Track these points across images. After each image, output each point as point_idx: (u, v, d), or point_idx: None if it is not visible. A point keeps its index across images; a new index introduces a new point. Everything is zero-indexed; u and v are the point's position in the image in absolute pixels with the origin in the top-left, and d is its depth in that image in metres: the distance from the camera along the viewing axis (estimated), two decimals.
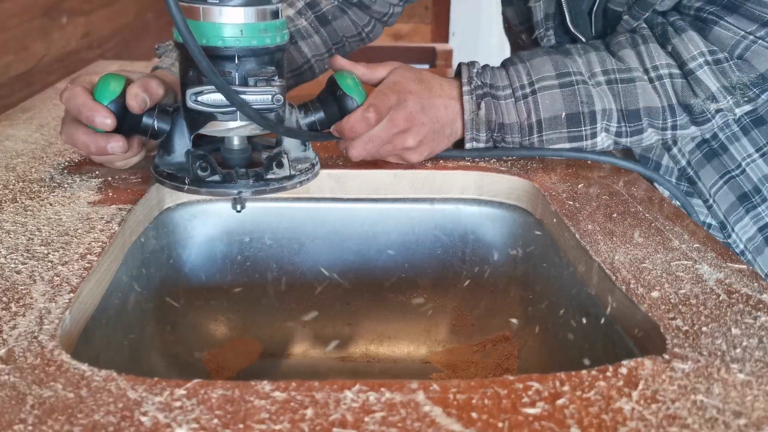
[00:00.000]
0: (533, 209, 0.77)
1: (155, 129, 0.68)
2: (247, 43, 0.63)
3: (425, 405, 0.40)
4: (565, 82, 0.76)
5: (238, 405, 0.40)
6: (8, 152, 0.81)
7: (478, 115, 0.77)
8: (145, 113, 0.67)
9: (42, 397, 0.40)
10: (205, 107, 0.63)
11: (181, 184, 0.66)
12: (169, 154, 0.69)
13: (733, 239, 0.90)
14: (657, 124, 0.78)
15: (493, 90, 0.78)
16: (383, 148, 0.75)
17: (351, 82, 0.73)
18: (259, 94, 0.63)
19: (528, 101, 0.77)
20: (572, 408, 0.41)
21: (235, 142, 0.69)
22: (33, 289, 0.52)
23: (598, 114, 0.77)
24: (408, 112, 0.74)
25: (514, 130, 0.78)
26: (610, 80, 0.77)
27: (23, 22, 1.15)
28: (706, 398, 0.42)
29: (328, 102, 0.73)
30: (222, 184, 0.66)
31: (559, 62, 0.77)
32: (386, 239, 0.81)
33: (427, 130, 0.76)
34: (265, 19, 0.63)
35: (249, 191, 0.66)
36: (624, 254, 0.60)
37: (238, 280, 0.81)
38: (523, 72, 0.78)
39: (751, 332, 0.49)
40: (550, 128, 0.77)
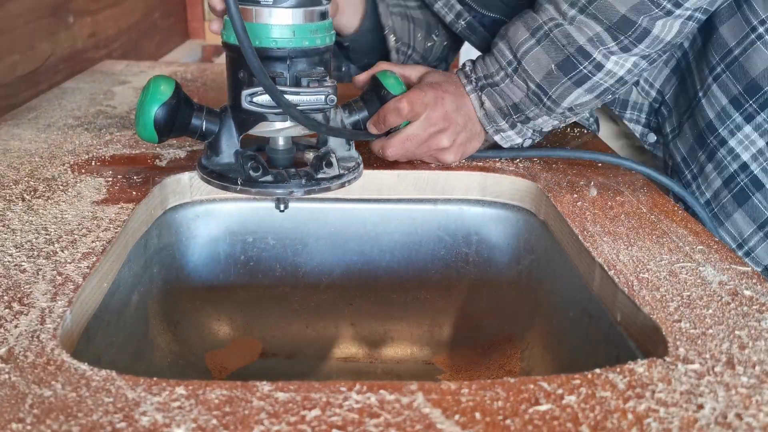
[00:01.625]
0: (537, 210, 0.76)
1: (204, 130, 0.68)
2: (298, 44, 0.63)
3: (425, 407, 0.40)
4: (540, 37, 0.74)
5: (238, 406, 0.40)
6: (14, 152, 0.81)
7: (484, 108, 0.77)
8: (194, 114, 0.67)
9: (41, 397, 0.40)
10: (260, 108, 0.64)
11: (233, 185, 0.66)
12: (217, 154, 0.69)
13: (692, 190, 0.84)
14: (655, 13, 0.70)
15: (489, 79, 0.77)
16: (419, 149, 0.76)
17: (394, 81, 0.74)
18: (313, 94, 0.63)
19: (519, 73, 0.75)
20: (574, 411, 0.40)
21: (281, 142, 0.69)
22: (35, 288, 0.52)
23: (585, 46, 0.72)
24: (445, 111, 0.75)
25: (527, 103, 0.76)
26: (581, 8, 0.71)
27: (29, 22, 1.15)
28: (709, 401, 0.41)
29: (371, 101, 0.74)
30: (274, 184, 0.66)
31: (529, 20, 0.75)
32: (389, 240, 0.81)
33: (461, 130, 0.77)
34: (316, 20, 0.64)
35: (301, 191, 0.67)
36: (627, 256, 0.60)
37: (241, 279, 0.81)
38: (505, 48, 0.76)
39: (755, 335, 0.49)
40: (551, 85, 0.74)
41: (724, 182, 0.81)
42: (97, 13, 1.45)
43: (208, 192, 0.78)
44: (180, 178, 0.76)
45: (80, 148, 0.83)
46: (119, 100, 1.07)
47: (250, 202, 0.79)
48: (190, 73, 1.28)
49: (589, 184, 0.76)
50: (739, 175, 0.80)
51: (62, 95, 1.09)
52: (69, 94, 1.09)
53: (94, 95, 1.09)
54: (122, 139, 0.87)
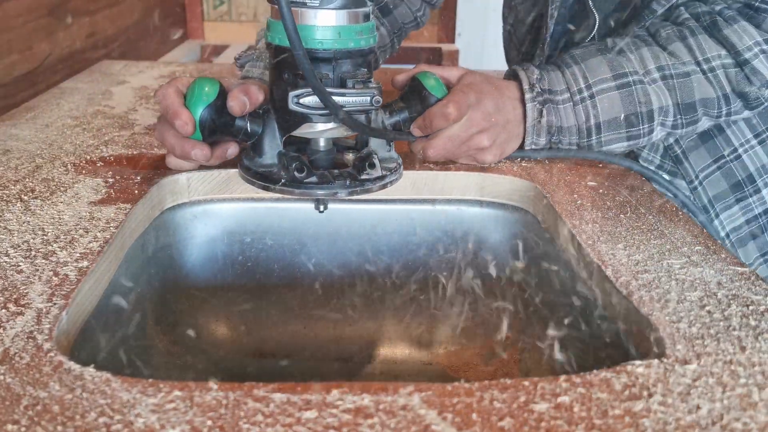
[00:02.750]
0: (535, 210, 0.76)
1: (248, 131, 0.68)
2: (344, 46, 0.63)
3: (421, 408, 0.40)
4: (622, 84, 0.77)
5: (233, 407, 0.40)
6: (12, 152, 0.81)
7: (540, 122, 0.78)
8: (238, 116, 0.68)
9: (36, 398, 0.40)
10: (306, 109, 0.64)
11: (278, 185, 0.67)
12: (260, 155, 0.69)
13: (714, 226, 0.89)
14: (712, 113, 0.79)
15: (551, 95, 0.78)
16: (459, 149, 0.76)
17: (434, 81, 0.74)
18: (359, 95, 0.63)
19: (586, 105, 0.77)
20: (571, 412, 0.40)
21: (321, 143, 0.70)
22: (31, 289, 0.52)
23: (655, 112, 0.77)
24: (486, 111, 0.75)
25: (572, 132, 0.79)
26: (665, 76, 0.77)
27: (28, 22, 1.15)
28: (707, 402, 0.41)
29: (412, 102, 0.74)
30: (318, 185, 0.66)
31: (614, 62, 0.78)
32: (387, 240, 0.81)
33: (501, 130, 0.77)
34: (360, 21, 0.64)
35: (345, 192, 0.67)
36: (625, 256, 0.60)
37: (238, 280, 0.81)
38: (579, 75, 0.78)
39: (753, 335, 0.49)
40: (609, 130, 0.78)
41: (747, 220, 0.89)
42: (96, 13, 1.45)
43: (205, 192, 0.78)
44: (178, 178, 0.76)
45: (78, 149, 0.83)
46: (117, 100, 1.07)
47: (248, 203, 0.79)
48: (189, 73, 1.28)
49: (587, 185, 0.76)
50: (761, 217, 0.89)
51: (60, 95, 1.09)
52: (67, 94, 1.09)
53: (93, 95, 1.09)
54: (120, 139, 0.87)
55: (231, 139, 0.71)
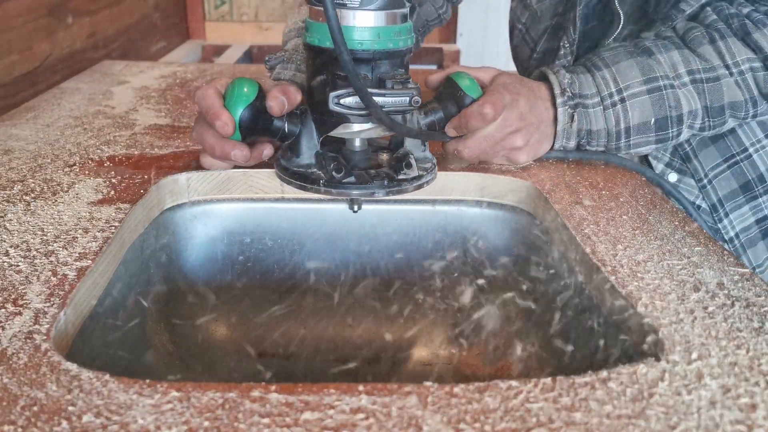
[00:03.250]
0: (534, 211, 0.76)
1: (286, 131, 0.68)
2: (383, 46, 0.63)
3: (418, 410, 0.40)
4: (653, 88, 0.77)
5: (230, 408, 0.40)
6: (12, 152, 0.81)
7: (571, 127, 0.79)
8: (276, 116, 0.68)
9: (33, 398, 0.40)
10: (346, 110, 0.64)
11: (316, 185, 0.67)
12: (297, 155, 0.69)
13: (723, 225, 0.89)
14: (739, 115, 0.79)
15: (582, 99, 0.78)
16: (493, 148, 0.77)
17: (469, 82, 0.74)
18: (398, 96, 0.63)
19: (617, 109, 0.77)
20: (571, 412, 0.40)
21: (357, 143, 0.70)
22: (30, 289, 0.52)
23: (684, 115, 0.78)
24: (520, 112, 0.75)
25: (601, 135, 0.79)
26: (695, 80, 0.77)
27: (28, 22, 1.15)
28: (707, 403, 0.41)
29: (447, 102, 0.74)
30: (356, 185, 0.67)
31: (645, 66, 0.78)
32: (387, 240, 0.81)
33: (534, 131, 0.78)
34: (399, 22, 0.64)
35: (382, 192, 0.67)
36: (624, 257, 0.60)
37: (238, 280, 0.81)
38: (609, 78, 0.78)
39: (753, 336, 0.48)
40: (638, 134, 0.78)
41: (757, 221, 0.89)
42: (96, 13, 1.45)
43: (205, 193, 0.78)
44: (177, 178, 0.76)
45: (78, 149, 0.83)
46: (118, 100, 1.07)
47: (248, 203, 0.79)
48: (190, 73, 1.28)
49: (587, 185, 0.76)
50: None
51: (61, 95, 1.09)
52: (68, 95, 1.09)
53: (93, 95, 1.09)
54: (120, 139, 0.87)
55: (267, 139, 0.71)
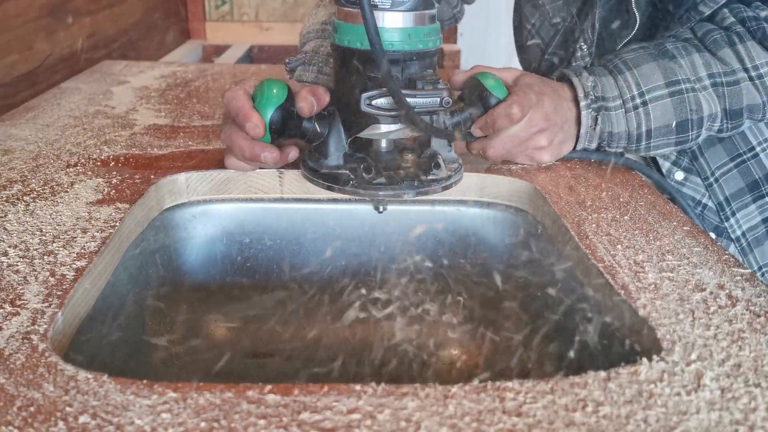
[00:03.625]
0: (534, 211, 0.76)
1: (315, 133, 0.68)
2: (413, 47, 0.63)
3: (417, 411, 0.40)
4: (674, 91, 0.78)
5: (228, 409, 0.40)
6: (12, 152, 0.81)
7: (594, 130, 0.79)
8: (305, 118, 0.68)
9: (30, 399, 0.40)
10: (378, 111, 0.64)
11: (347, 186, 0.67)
12: (325, 157, 0.69)
13: (729, 224, 0.89)
14: (756, 117, 0.80)
15: (605, 102, 0.79)
16: (517, 148, 0.77)
17: (494, 82, 0.74)
18: (429, 96, 0.64)
19: (639, 112, 0.78)
20: (570, 413, 0.40)
21: (383, 144, 0.70)
22: (27, 290, 0.52)
23: (705, 119, 0.78)
24: (545, 112, 0.76)
25: (622, 138, 0.79)
26: (716, 83, 0.78)
27: (28, 22, 1.15)
28: (706, 403, 0.41)
29: (473, 102, 0.74)
30: (386, 186, 0.67)
31: (667, 69, 0.78)
32: (386, 241, 0.81)
33: (558, 131, 0.78)
34: (428, 23, 0.64)
35: (412, 192, 0.67)
36: (623, 257, 0.60)
37: (237, 280, 0.81)
38: (632, 81, 0.78)
39: (752, 336, 0.48)
40: (659, 136, 0.79)
41: (764, 219, 0.89)
42: (96, 13, 1.45)
43: (204, 193, 0.77)
44: (176, 178, 0.76)
45: (78, 149, 0.83)
46: (118, 100, 1.07)
47: (247, 203, 0.79)
48: (190, 73, 1.28)
49: (586, 186, 0.76)
50: None
51: (61, 95, 1.09)
52: (67, 95, 1.09)
53: (93, 95, 1.09)
54: (120, 139, 0.87)
55: (293, 141, 0.71)
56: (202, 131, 0.91)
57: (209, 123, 0.95)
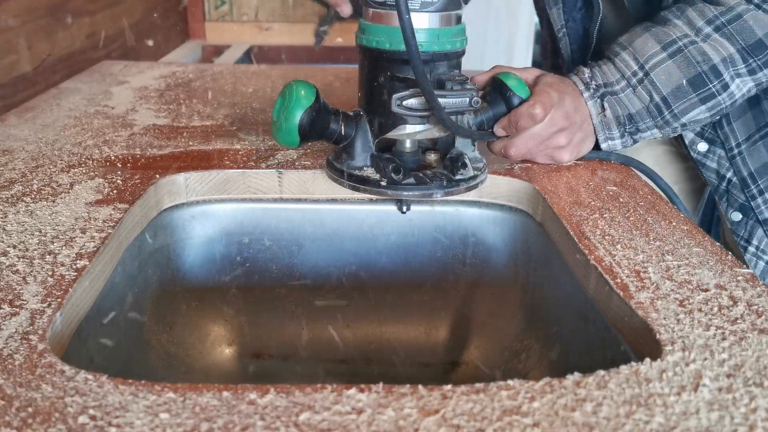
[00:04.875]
0: (534, 212, 0.76)
1: (342, 134, 0.69)
2: (442, 48, 0.64)
3: (417, 411, 0.40)
4: (673, 51, 0.76)
5: (227, 409, 0.39)
6: (10, 152, 0.81)
7: (606, 116, 0.79)
8: (331, 119, 0.68)
9: (29, 400, 0.40)
10: (408, 111, 0.64)
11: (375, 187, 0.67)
12: (352, 158, 0.69)
13: (757, 203, 0.87)
14: None
15: (608, 87, 0.79)
16: (538, 147, 0.77)
17: (516, 82, 0.75)
18: (459, 96, 0.64)
19: (645, 84, 0.77)
20: (568, 413, 0.40)
21: (408, 144, 0.70)
22: (26, 290, 0.51)
23: (719, 65, 0.76)
24: (565, 111, 0.76)
25: (644, 115, 0.78)
26: (718, 27, 0.76)
27: (27, 22, 1.15)
28: (705, 404, 0.41)
29: (496, 102, 0.74)
30: (417, 186, 0.67)
31: (660, 34, 0.77)
32: (386, 241, 0.81)
33: (577, 129, 0.78)
34: (455, 23, 0.65)
35: (441, 192, 0.67)
36: (623, 258, 0.59)
37: (236, 281, 0.80)
38: (629, 58, 0.78)
39: (751, 337, 0.48)
40: (677, 99, 0.77)
41: None
42: (96, 13, 1.45)
43: (203, 193, 0.77)
44: (175, 178, 0.76)
45: (77, 149, 0.83)
46: (117, 100, 1.07)
47: (246, 203, 0.79)
48: (189, 73, 1.28)
49: (586, 186, 0.76)
50: None
51: (60, 95, 1.08)
52: (67, 95, 1.09)
53: (92, 96, 1.09)
54: (119, 139, 0.87)
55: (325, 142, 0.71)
56: (201, 131, 0.91)
57: (209, 123, 0.95)
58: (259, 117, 0.99)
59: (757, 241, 0.88)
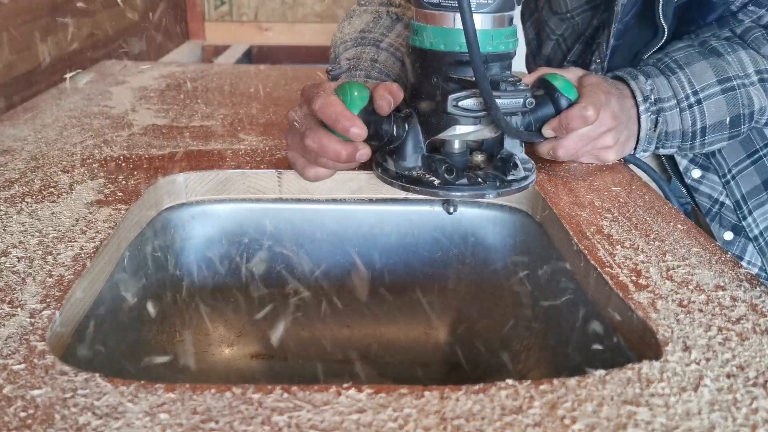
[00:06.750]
0: (533, 212, 0.76)
1: (393, 135, 0.68)
2: (496, 49, 0.64)
3: (416, 411, 0.40)
4: (727, 88, 0.80)
5: (227, 410, 0.39)
6: (10, 152, 0.81)
7: (654, 132, 0.80)
8: (384, 120, 0.67)
9: (27, 400, 0.40)
10: (464, 112, 0.65)
11: (428, 187, 0.67)
12: (403, 159, 0.69)
13: (747, 223, 0.89)
14: None
15: (660, 103, 0.80)
16: (585, 147, 0.77)
17: (564, 83, 0.75)
18: (514, 97, 0.64)
19: (693, 111, 0.80)
20: (568, 414, 0.40)
21: (456, 145, 0.70)
22: (25, 290, 0.51)
23: (756, 113, 0.81)
24: (612, 111, 0.77)
25: (676, 136, 0.81)
26: (763, 79, 0.81)
27: (27, 22, 1.15)
28: (705, 405, 0.41)
29: (544, 103, 0.74)
30: (470, 186, 0.67)
31: (718, 66, 0.80)
32: (385, 241, 0.81)
33: (623, 129, 0.79)
34: (507, 24, 0.65)
35: (494, 193, 0.67)
36: (623, 258, 0.59)
37: (236, 281, 0.80)
38: (684, 81, 0.80)
39: (751, 337, 0.48)
40: (713, 132, 0.81)
41: None
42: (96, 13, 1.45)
43: (203, 193, 0.77)
44: (175, 178, 0.76)
45: (77, 149, 0.83)
46: (117, 100, 1.07)
47: (246, 204, 0.79)
48: (189, 73, 1.28)
49: (586, 186, 0.76)
50: None
51: (59, 96, 1.08)
52: (66, 95, 1.09)
53: (92, 96, 1.09)
54: (119, 139, 0.87)
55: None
56: (201, 131, 0.91)
57: (209, 123, 0.95)
58: (259, 117, 0.99)
59: (748, 256, 0.93)
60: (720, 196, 0.89)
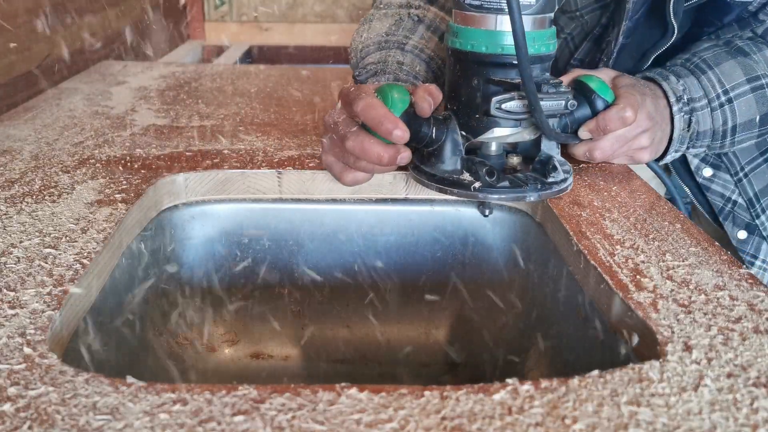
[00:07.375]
0: (533, 212, 0.76)
1: (433, 137, 0.68)
2: (537, 51, 0.64)
3: (414, 412, 0.40)
4: (756, 86, 0.80)
5: (227, 410, 0.39)
6: (10, 152, 0.81)
7: (689, 130, 0.80)
8: (423, 122, 0.67)
9: (27, 400, 0.40)
10: (507, 114, 0.64)
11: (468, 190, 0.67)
12: (441, 161, 0.69)
13: (761, 221, 0.89)
14: None
15: (691, 104, 0.80)
16: (621, 149, 0.77)
17: (599, 84, 0.74)
18: (556, 99, 0.64)
19: (725, 110, 0.80)
20: (568, 414, 0.40)
21: (493, 147, 0.70)
22: (26, 290, 0.51)
23: None
24: (648, 112, 0.76)
25: (707, 135, 0.81)
26: None
27: (28, 21, 1.15)
28: (706, 405, 0.41)
29: (580, 104, 0.74)
30: (511, 189, 0.67)
31: (746, 65, 0.80)
32: (385, 241, 0.81)
33: (658, 129, 0.79)
34: (548, 26, 0.65)
35: (536, 195, 0.67)
36: (623, 259, 0.59)
37: (236, 281, 0.80)
38: (715, 81, 0.80)
39: (753, 337, 0.48)
40: (744, 131, 0.81)
41: None
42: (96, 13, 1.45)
43: (203, 193, 0.77)
44: (175, 178, 0.76)
45: (77, 149, 0.83)
46: (117, 100, 1.07)
47: (246, 204, 0.79)
48: (189, 73, 1.28)
49: (586, 186, 0.76)
50: None
51: (60, 95, 1.08)
52: (66, 95, 1.09)
53: (92, 96, 1.09)
54: (119, 139, 0.87)
55: None
56: (201, 131, 0.91)
57: (209, 123, 0.95)
58: (259, 117, 0.99)
59: (763, 255, 0.92)
60: (732, 195, 0.89)
